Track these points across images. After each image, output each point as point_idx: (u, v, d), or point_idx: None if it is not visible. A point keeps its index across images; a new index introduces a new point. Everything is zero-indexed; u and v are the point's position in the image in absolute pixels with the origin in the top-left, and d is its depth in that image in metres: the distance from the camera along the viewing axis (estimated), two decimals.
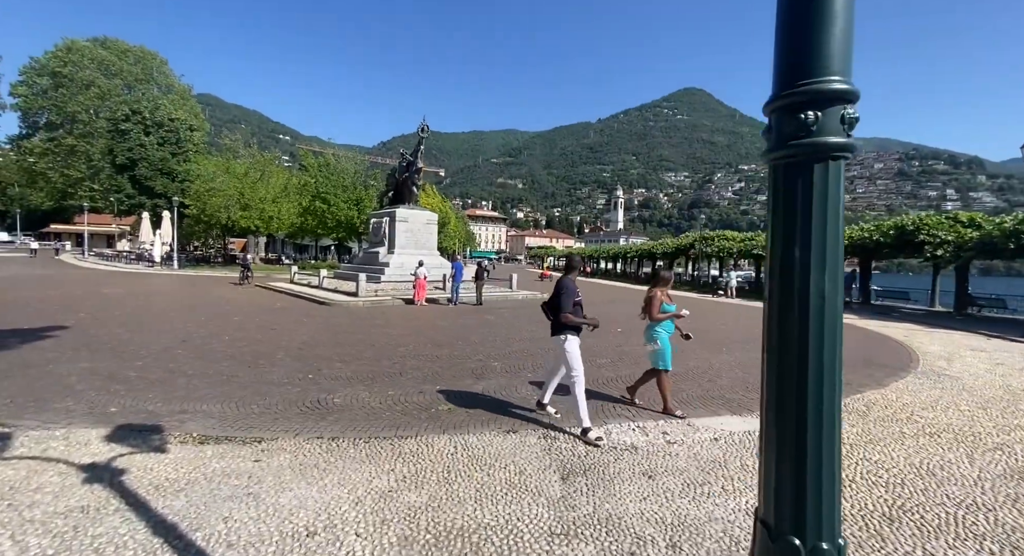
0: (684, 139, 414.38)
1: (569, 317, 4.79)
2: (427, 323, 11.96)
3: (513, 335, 10.44)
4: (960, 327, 14.62)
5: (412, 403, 5.54)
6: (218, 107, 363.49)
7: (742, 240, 30.53)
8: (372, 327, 11.05)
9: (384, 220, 21.10)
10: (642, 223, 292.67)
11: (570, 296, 4.81)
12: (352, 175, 40.02)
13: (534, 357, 8.16)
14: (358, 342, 9.14)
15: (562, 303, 4.80)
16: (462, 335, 10.25)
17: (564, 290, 4.84)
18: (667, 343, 5.48)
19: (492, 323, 12.24)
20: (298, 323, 11.34)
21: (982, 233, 15.73)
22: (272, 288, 20.43)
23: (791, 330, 1.03)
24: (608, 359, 8.20)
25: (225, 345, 8.48)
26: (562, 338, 4.83)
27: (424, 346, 8.92)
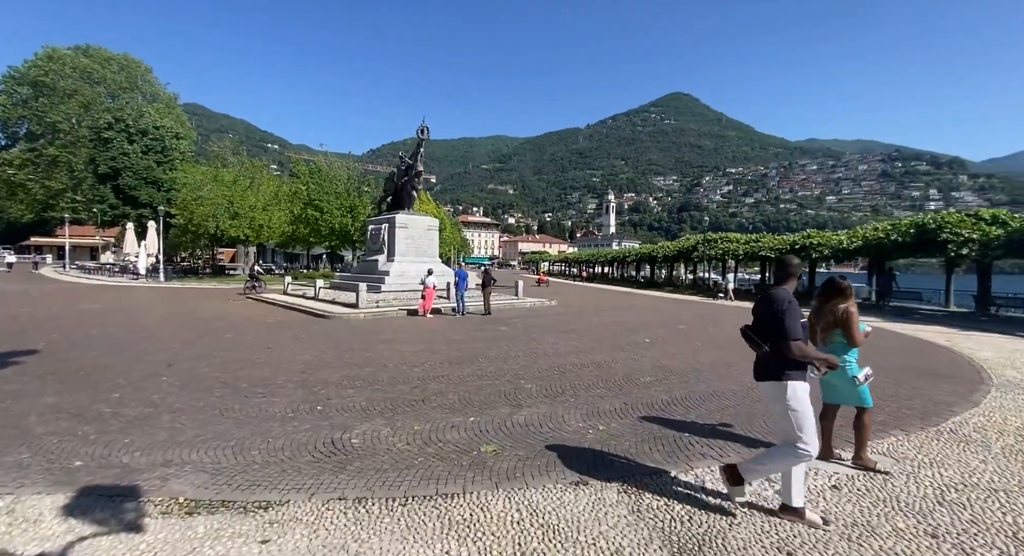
0: (672, 143, 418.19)
1: (802, 348, 3.09)
2: (438, 337, 11.00)
3: (536, 349, 9.52)
4: (992, 329, 13.98)
5: (447, 442, 4.60)
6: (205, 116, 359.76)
7: (746, 242, 29.99)
8: (379, 343, 10.07)
9: (383, 227, 20.11)
10: (633, 227, 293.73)
11: (795, 317, 3.12)
12: (345, 181, 38.94)
13: (569, 376, 7.24)
14: (367, 362, 8.17)
15: (785, 327, 3.10)
16: (480, 350, 9.31)
17: (783, 308, 3.13)
18: (857, 371, 4.05)
19: (508, 336, 11.31)
20: (297, 340, 10.32)
21: (1009, 230, 15.18)
22: (265, 300, 19.31)
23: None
24: (651, 377, 7.31)
25: (217, 369, 7.46)
26: (784, 384, 3.15)
27: (442, 365, 7.96)
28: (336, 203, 36.88)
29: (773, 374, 3.23)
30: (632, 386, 6.74)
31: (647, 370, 7.75)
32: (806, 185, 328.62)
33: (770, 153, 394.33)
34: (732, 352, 9.43)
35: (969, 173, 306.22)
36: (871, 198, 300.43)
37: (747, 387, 6.75)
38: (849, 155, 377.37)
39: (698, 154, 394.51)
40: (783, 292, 3.27)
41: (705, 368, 7.97)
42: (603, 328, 12.83)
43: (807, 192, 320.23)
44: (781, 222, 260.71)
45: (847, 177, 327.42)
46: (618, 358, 8.71)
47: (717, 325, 13.93)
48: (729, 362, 8.48)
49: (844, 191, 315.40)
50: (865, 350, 9.75)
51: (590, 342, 10.45)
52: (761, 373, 3.34)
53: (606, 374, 7.44)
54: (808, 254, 23.16)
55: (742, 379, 7.23)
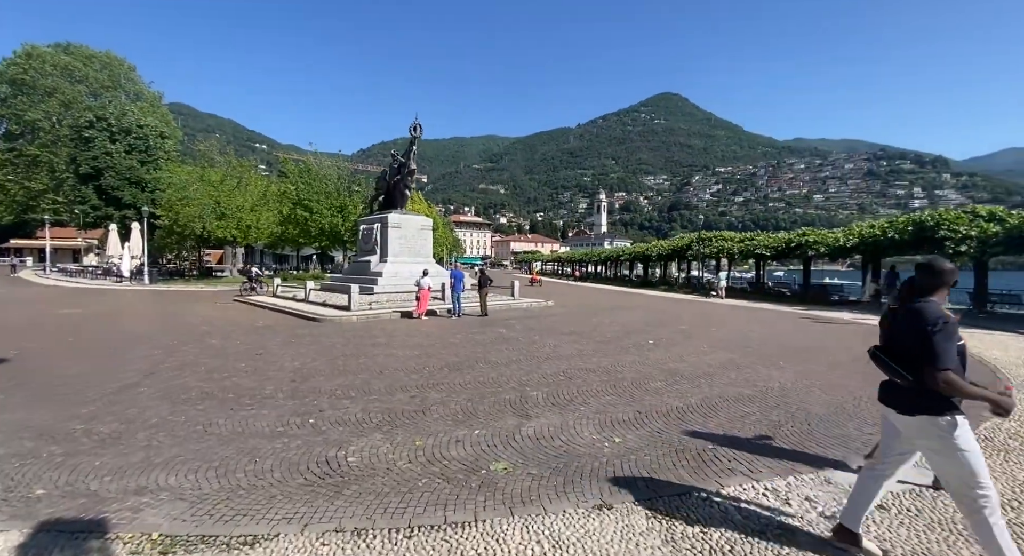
0: (662, 143, 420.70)
1: (954, 383, 2.42)
2: (435, 341, 10.59)
3: (537, 352, 9.16)
4: (991, 326, 13.91)
5: (452, 459, 4.22)
6: (191, 116, 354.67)
7: (741, 240, 29.90)
8: (373, 347, 9.64)
9: (375, 226, 19.62)
10: (623, 226, 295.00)
11: (950, 341, 2.46)
12: (335, 181, 38.25)
13: (576, 382, 6.89)
14: (361, 368, 7.74)
15: (936, 353, 2.44)
16: (480, 355, 8.92)
17: (936, 328, 2.46)
18: None
19: (508, 338, 10.93)
20: (287, 345, 9.85)
21: (1007, 227, 15.13)
22: (253, 303, 18.73)
23: None
24: (661, 382, 6.99)
25: (200, 379, 6.99)
26: (948, 420, 2.49)
27: (441, 371, 7.57)
28: (326, 203, 36.22)
29: (930, 407, 2.53)
30: (643, 392, 6.41)
31: (656, 374, 7.43)
32: (794, 184, 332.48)
33: (758, 152, 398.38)
34: (740, 354, 9.16)
35: (952, 172, 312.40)
36: (857, 196, 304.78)
37: (762, 391, 6.45)
38: (836, 154, 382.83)
39: (688, 153, 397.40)
40: (933, 307, 2.55)
41: (715, 371, 7.67)
42: (604, 329, 12.50)
43: (795, 191, 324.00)
44: (770, 220, 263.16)
45: (834, 176, 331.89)
46: (624, 361, 8.38)
47: (719, 325, 13.68)
48: (739, 364, 8.19)
49: (831, 190, 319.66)
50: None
51: (593, 344, 10.12)
52: (909, 404, 2.62)
53: (614, 379, 7.10)
54: (804, 252, 23.08)
55: (755, 382, 6.94)
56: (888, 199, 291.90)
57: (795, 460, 4.24)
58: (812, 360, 8.71)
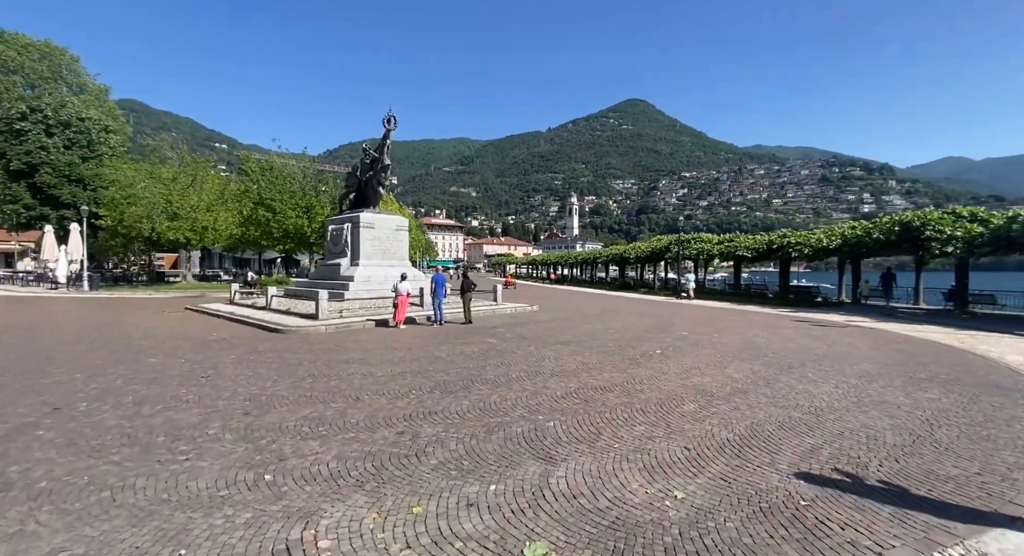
0: (630, 148, 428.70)
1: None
2: (419, 354, 9.29)
3: (539, 367, 8.03)
4: (985, 327, 13.72)
5: (468, 539, 3.02)
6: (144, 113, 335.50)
7: (720, 242, 29.80)
8: (347, 364, 8.27)
9: (345, 227, 18.03)
10: (594, 229, 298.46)
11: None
12: (300, 179, 35.98)
13: (594, 405, 5.80)
14: (334, 393, 6.40)
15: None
16: (474, 371, 7.70)
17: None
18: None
19: (501, 350, 9.75)
20: (243, 364, 8.34)
21: (992, 228, 15.11)
22: (206, 312, 16.80)
23: None
24: (692, 403, 5.98)
25: (125, 414, 5.50)
26: None
27: (431, 395, 6.32)
28: (290, 203, 33.96)
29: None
30: (678, 418, 5.38)
31: (682, 393, 6.43)
32: (754, 189, 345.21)
33: (721, 158, 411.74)
34: (760, 365, 8.31)
35: (897, 178, 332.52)
36: (812, 201, 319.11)
37: (812, 414, 5.53)
38: (792, 161, 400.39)
39: (655, 158, 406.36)
40: None
41: (745, 387, 6.74)
42: (602, 337, 11.50)
43: (756, 195, 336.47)
44: (733, 224, 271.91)
45: (791, 181, 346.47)
46: (638, 376, 7.36)
47: (719, 331, 12.92)
48: (767, 378, 7.30)
49: (789, 194, 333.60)
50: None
51: (597, 356, 9.07)
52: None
53: (637, 400, 6.05)
54: (787, 253, 22.93)
55: (797, 401, 6.03)
56: (840, 204, 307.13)
57: (919, 515, 3.26)
58: (838, 370, 7.93)
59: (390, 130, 18.06)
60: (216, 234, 33.92)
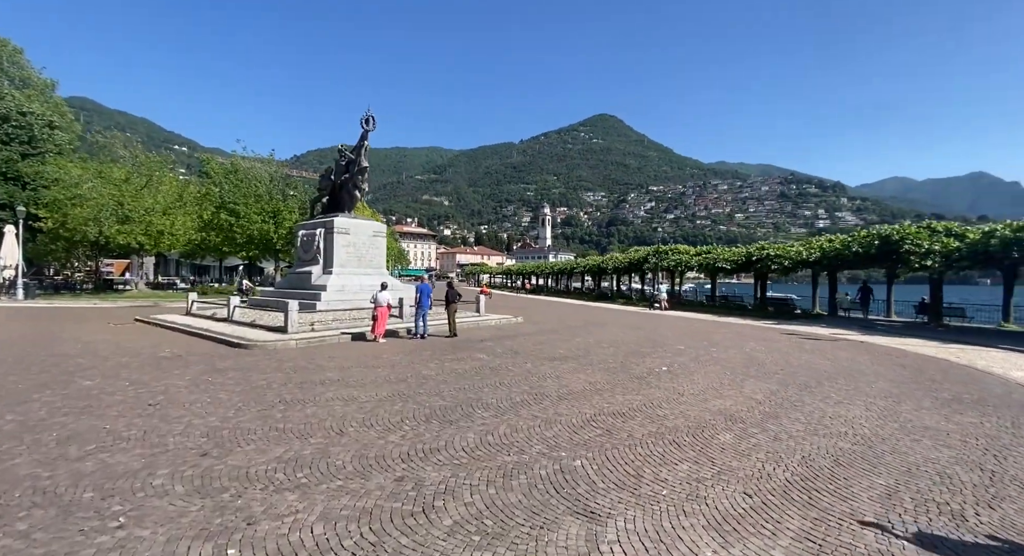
0: (600, 161, 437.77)
1: None
2: (405, 373, 8.33)
3: (542, 388, 7.24)
4: (971, 340, 13.86)
5: None
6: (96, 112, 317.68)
7: (698, 253, 29.98)
8: (324, 387, 7.24)
9: (317, 232, 16.80)
10: (565, 240, 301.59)
11: None
12: (267, 183, 34.18)
13: (619, 436, 5.06)
14: (311, 424, 5.42)
15: None
16: (472, 394, 6.84)
17: None
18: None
19: (496, 368, 8.91)
20: (200, 387, 7.18)
21: (968, 242, 15.45)
22: (159, 323, 15.19)
23: None
24: (727, 433, 5.33)
25: (44, 457, 4.36)
26: None
27: (428, 426, 5.43)
28: (256, 207, 32.14)
29: None
30: (717, 451, 4.71)
31: (708, 419, 5.78)
32: (718, 203, 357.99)
33: (687, 173, 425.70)
34: (775, 384, 7.81)
35: (848, 196, 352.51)
36: (772, 216, 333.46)
37: (862, 444, 4.97)
38: (753, 177, 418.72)
39: (623, 172, 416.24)
40: None
41: (773, 411, 6.17)
42: (599, 352, 10.83)
43: (719, 210, 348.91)
44: (698, 237, 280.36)
45: (752, 197, 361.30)
46: (654, 399, 6.69)
47: (714, 344, 12.48)
48: (792, 401, 6.76)
49: (750, 209, 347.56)
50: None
51: (601, 374, 8.37)
52: None
53: (664, 429, 5.36)
54: (766, 266, 23.08)
55: (836, 428, 5.48)
56: (798, 219, 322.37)
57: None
58: (856, 389, 7.51)
59: (368, 130, 17.06)
60: (173, 239, 31.61)
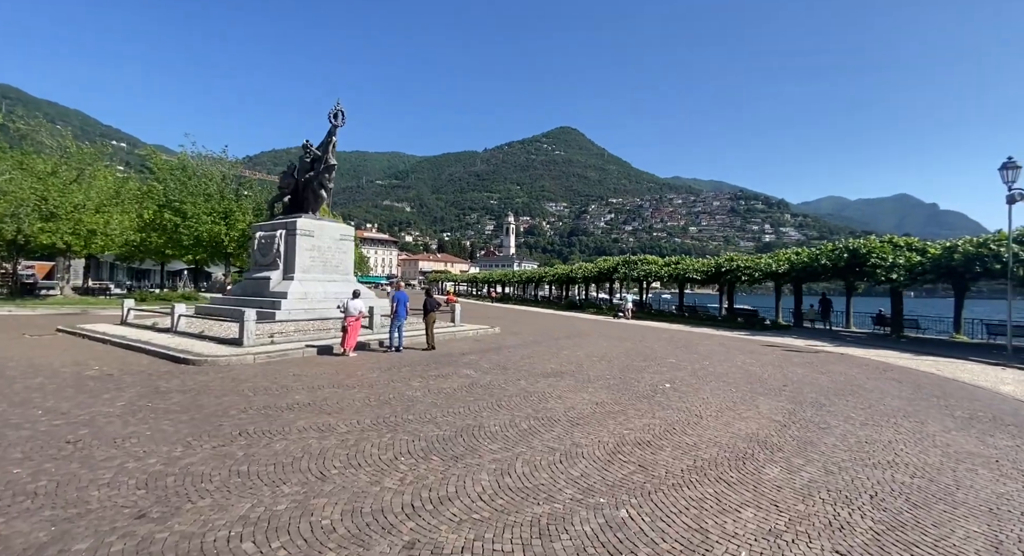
0: (562, 173, 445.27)
1: None
2: (387, 395, 7.32)
3: (546, 411, 6.46)
4: (932, 352, 14.30)
5: None
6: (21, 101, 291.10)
7: (666, 264, 30.29)
8: (293, 413, 6.15)
9: (277, 234, 15.33)
10: (528, 249, 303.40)
11: None
12: (219, 181, 31.71)
13: (654, 472, 4.36)
14: (283, 465, 4.38)
15: None
16: (470, 421, 5.95)
17: None
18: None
19: (487, 386, 8.05)
20: (136, 416, 5.91)
21: (930, 257, 16.09)
22: (88, 335, 13.24)
23: None
24: (774, 466, 4.74)
25: None
26: None
27: (428, 463, 4.52)
28: (205, 207, 29.67)
29: None
30: (771, 489, 4.10)
31: (741, 446, 5.20)
32: (673, 216, 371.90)
33: (644, 187, 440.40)
34: (786, 401, 7.42)
35: (791, 212, 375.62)
36: (723, 230, 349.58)
37: (919, 473, 4.49)
38: (706, 192, 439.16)
39: (584, 184, 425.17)
40: None
41: (805, 436, 5.68)
42: (591, 367, 10.19)
43: (675, 223, 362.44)
44: (655, 248, 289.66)
45: (705, 211, 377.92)
46: (674, 423, 6.07)
47: (705, 358, 12.15)
48: (814, 422, 6.32)
49: (703, 223, 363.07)
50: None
51: (605, 393, 7.69)
52: None
53: (705, 463, 4.71)
54: (737, 277, 23.44)
55: (883, 457, 5.02)
56: (746, 233, 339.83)
57: None
58: (870, 408, 7.22)
59: (337, 126, 15.84)
60: (107, 240, 28.56)
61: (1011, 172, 12.21)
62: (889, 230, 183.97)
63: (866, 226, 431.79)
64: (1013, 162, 12.22)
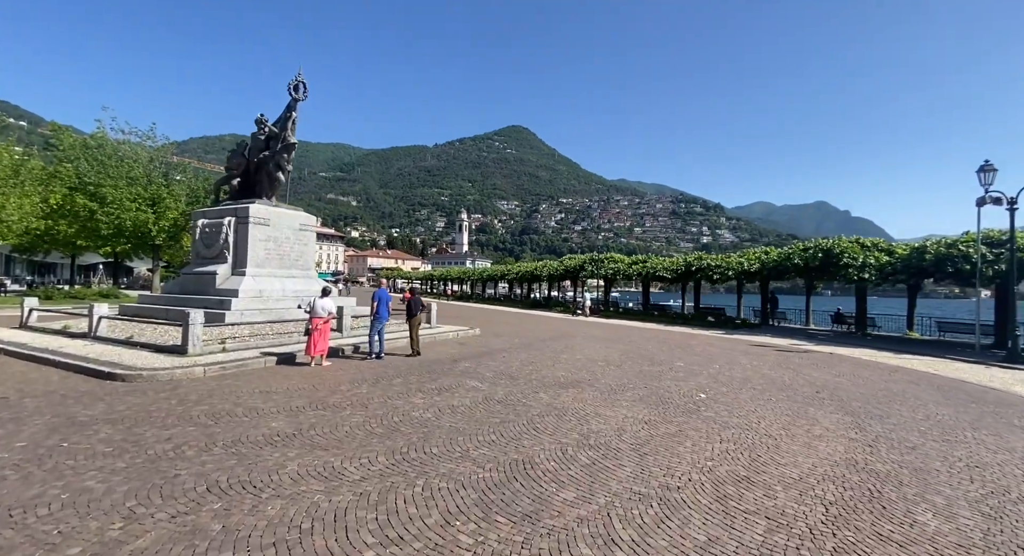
0: (513, 171, 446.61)
1: None
2: (390, 417, 5.91)
3: (598, 436, 5.36)
4: (903, 350, 14.68)
5: None
6: None
7: (632, 263, 30.23)
8: (274, 452, 4.64)
9: (225, 222, 13.12)
10: (480, 247, 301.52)
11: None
12: (145, 163, 27.83)
13: (808, 532, 3.39)
14: (280, 546, 2.99)
15: None
16: (515, 454, 4.73)
17: None
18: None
19: (502, 401, 6.82)
20: (43, 466, 4.17)
21: (898, 257, 16.62)
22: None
23: None
24: (931, 512, 3.93)
25: None
26: None
27: (497, 532, 3.27)
28: (128, 192, 25.90)
29: None
30: (951, 548, 3.25)
31: (861, 482, 4.35)
32: (620, 217, 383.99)
33: (592, 188, 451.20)
34: (832, 409, 6.78)
35: (726, 216, 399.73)
36: (665, 231, 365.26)
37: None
38: (649, 195, 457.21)
39: (535, 183, 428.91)
40: None
41: (909, 461, 4.96)
42: (604, 374, 9.21)
43: (621, 223, 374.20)
44: (604, 247, 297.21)
45: (648, 213, 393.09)
46: (752, 448, 5.17)
47: (711, 359, 11.58)
48: (903, 441, 5.66)
49: (647, 224, 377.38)
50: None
51: (643, 408, 6.71)
52: None
53: (845, 510, 3.80)
54: (708, 275, 23.54)
55: (1019, 489, 4.36)
56: (686, 235, 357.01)
57: None
58: (931, 419, 6.75)
59: (298, 99, 13.85)
60: (3, 227, 24.19)
61: (988, 174, 12.63)
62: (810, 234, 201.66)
63: (790, 230, 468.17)
64: (990, 165, 12.65)
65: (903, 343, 16.58)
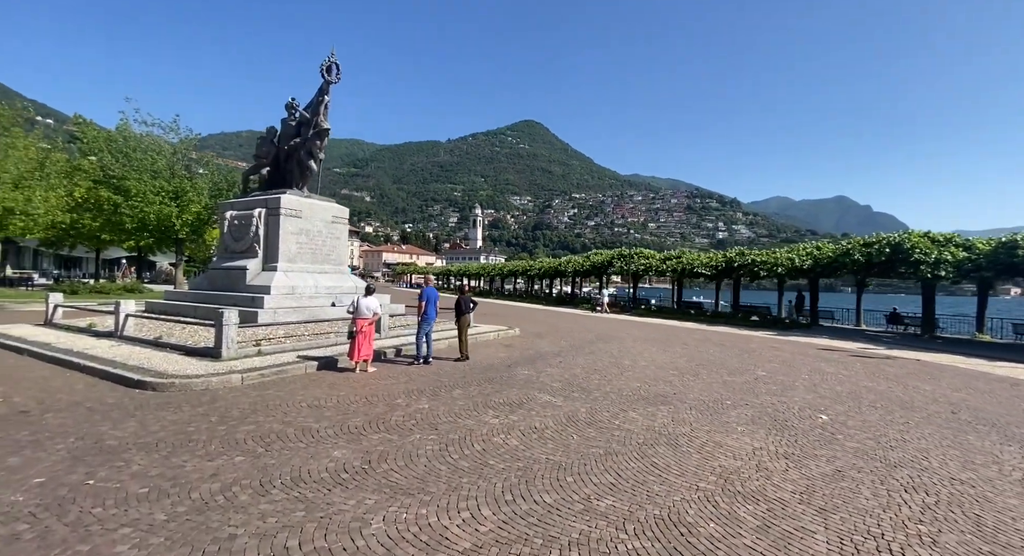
0: (526, 166, 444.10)
1: None
2: (472, 447, 4.93)
3: (735, 476, 4.32)
4: (988, 355, 13.30)
5: None
6: None
7: (664, 259, 28.99)
8: (344, 496, 3.70)
9: (255, 214, 12.29)
10: (493, 242, 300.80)
11: None
12: (170, 156, 27.35)
13: None
14: None
15: None
16: (654, 508, 3.71)
17: None
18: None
19: (595, 423, 5.79)
20: (65, 516, 3.28)
21: (987, 252, 15.14)
22: None
23: None
24: None
25: None
26: None
27: None
28: (152, 185, 25.42)
29: None
30: None
31: None
32: (633, 213, 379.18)
33: (606, 183, 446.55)
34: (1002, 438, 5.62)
35: (742, 211, 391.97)
36: (680, 227, 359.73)
37: None
38: (664, 190, 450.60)
39: (548, 178, 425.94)
40: None
41: None
42: (684, 386, 8.14)
43: (635, 219, 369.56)
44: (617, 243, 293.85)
45: (663, 208, 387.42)
46: (945, 500, 4.08)
47: (785, 366, 10.40)
48: None
49: (661, 220, 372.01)
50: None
51: (766, 435, 5.62)
52: None
53: None
54: (755, 273, 22.20)
55: None
56: (701, 230, 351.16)
57: None
58: None
59: (331, 81, 12.94)
60: (28, 221, 23.82)
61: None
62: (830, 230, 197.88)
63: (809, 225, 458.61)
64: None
65: (977, 347, 15.18)
